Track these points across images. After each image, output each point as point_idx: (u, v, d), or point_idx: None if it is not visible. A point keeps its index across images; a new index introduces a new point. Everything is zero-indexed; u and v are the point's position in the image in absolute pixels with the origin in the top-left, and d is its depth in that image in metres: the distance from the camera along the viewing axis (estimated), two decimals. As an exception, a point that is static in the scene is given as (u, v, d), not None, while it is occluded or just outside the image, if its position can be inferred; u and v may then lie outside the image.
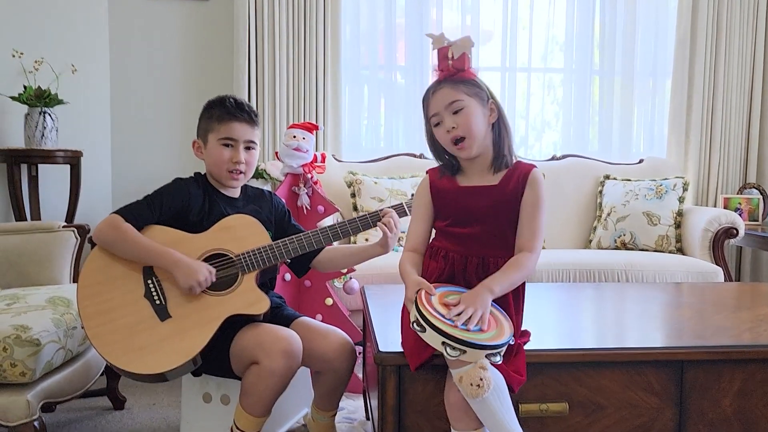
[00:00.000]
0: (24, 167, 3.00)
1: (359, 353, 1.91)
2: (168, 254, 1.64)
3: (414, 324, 1.31)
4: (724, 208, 3.54)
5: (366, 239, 2.97)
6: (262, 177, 2.93)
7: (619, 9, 3.74)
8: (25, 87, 2.92)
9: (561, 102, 3.86)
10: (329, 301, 2.39)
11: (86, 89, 3.31)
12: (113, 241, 1.67)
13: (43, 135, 2.92)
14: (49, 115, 2.94)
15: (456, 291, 1.41)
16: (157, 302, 1.64)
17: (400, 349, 1.44)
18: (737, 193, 3.76)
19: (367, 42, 3.70)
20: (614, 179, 3.49)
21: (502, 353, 1.33)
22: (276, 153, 2.50)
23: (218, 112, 1.79)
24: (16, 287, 2.13)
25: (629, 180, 3.46)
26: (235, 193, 1.86)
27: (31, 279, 2.19)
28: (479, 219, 1.47)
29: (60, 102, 2.96)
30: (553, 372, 1.47)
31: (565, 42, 3.79)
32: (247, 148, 1.81)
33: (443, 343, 1.27)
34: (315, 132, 2.53)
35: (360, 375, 2.29)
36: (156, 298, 1.64)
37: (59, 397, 1.82)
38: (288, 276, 2.37)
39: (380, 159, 3.53)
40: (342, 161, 3.47)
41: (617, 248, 3.30)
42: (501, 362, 1.33)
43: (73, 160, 3.02)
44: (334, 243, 1.93)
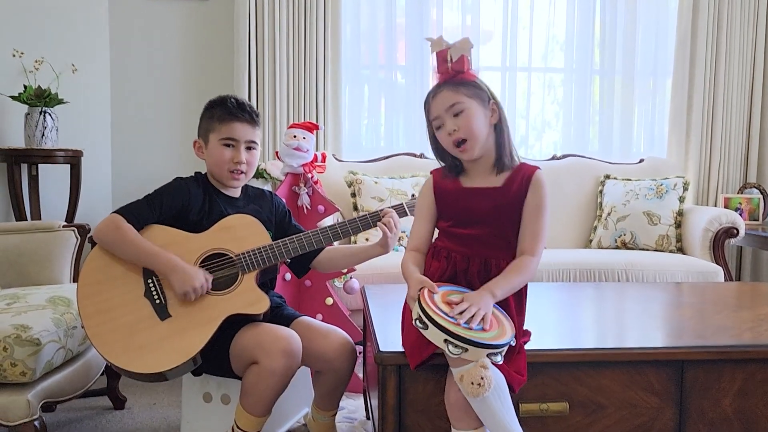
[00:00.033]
0: (24, 167, 3.00)
1: (359, 353, 1.90)
2: (165, 258, 1.64)
3: (416, 321, 1.31)
4: (725, 208, 3.54)
5: (366, 239, 2.97)
6: (263, 177, 2.92)
7: (620, 8, 3.74)
8: (26, 86, 2.92)
9: (561, 102, 3.86)
10: (329, 301, 2.39)
11: (86, 89, 3.31)
12: (113, 242, 1.67)
13: (44, 135, 2.92)
14: (50, 115, 2.94)
15: (458, 291, 1.41)
16: (157, 301, 1.64)
17: (401, 349, 1.43)
18: (738, 193, 3.76)
19: (368, 41, 3.70)
20: (614, 179, 3.48)
21: (503, 353, 1.33)
22: (276, 152, 2.50)
23: (220, 112, 1.79)
24: (17, 287, 2.13)
25: (629, 180, 3.45)
26: (236, 193, 1.86)
27: (32, 279, 2.19)
28: (482, 220, 1.47)
29: (60, 102, 2.96)
30: (554, 372, 1.47)
31: (566, 41, 3.79)
32: (248, 149, 1.81)
33: (445, 341, 1.27)
34: (315, 131, 2.53)
35: (360, 375, 2.29)
36: (156, 298, 1.64)
37: (59, 397, 1.82)
38: (288, 276, 2.37)
39: (380, 159, 3.52)
40: (342, 161, 3.47)
41: (617, 248, 3.30)
42: (502, 362, 1.33)
43: (74, 160, 3.02)
44: (335, 243, 1.93)
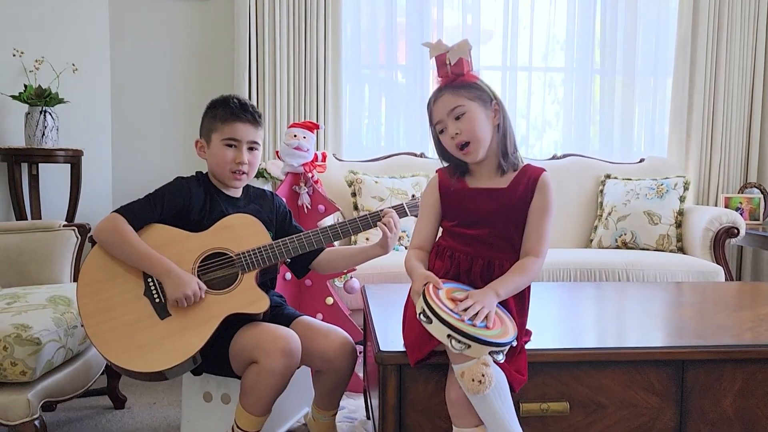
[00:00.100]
0: (24, 166, 3.00)
1: (360, 352, 1.90)
2: (161, 263, 1.64)
3: (420, 315, 1.31)
4: (725, 208, 3.54)
5: (366, 239, 2.97)
6: (263, 176, 2.92)
7: (620, 8, 3.73)
8: (26, 86, 2.92)
9: (562, 101, 3.86)
10: (330, 301, 2.39)
11: (87, 88, 3.31)
12: (111, 242, 1.67)
13: (44, 134, 2.92)
14: (50, 114, 2.94)
15: (462, 288, 1.41)
16: (157, 300, 1.64)
17: (401, 348, 1.43)
18: (738, 193, 3.76)
19: (368, 41, 3.70)
20: (615, 178, 3.48)
21: (505, 352, 1.33)
22: (277, 152, 2.50)
23: (222, 113, 1.79)
24: (17, 286, 2.13)
25: (630, 179, 3.45)
26: (237, 193, 1.86)
27: (32, 278, 2.19)
28: (486, 221, 1.47)
29: (60, 101, 2.96)
30: (554, 371, 1.47)
31: (566, 41, 3.78)
32: (250, 149, 1.81)
33: (449, 336, 1.27)
34: (316, 131, 2.53)
35: (360, 374, 2.29)
36: (156, 297, 1.64)
37: (60, 396, 1.82)
38: (288, 275, 2.37)
39: (381, 158, 3.52)
40: (343, 160, 3.46)
41: (618, 247, 3.30)
42: (503, 361, 1.33)
43: (74, 159, 3.02)
44: (335, 243, 1.92)
